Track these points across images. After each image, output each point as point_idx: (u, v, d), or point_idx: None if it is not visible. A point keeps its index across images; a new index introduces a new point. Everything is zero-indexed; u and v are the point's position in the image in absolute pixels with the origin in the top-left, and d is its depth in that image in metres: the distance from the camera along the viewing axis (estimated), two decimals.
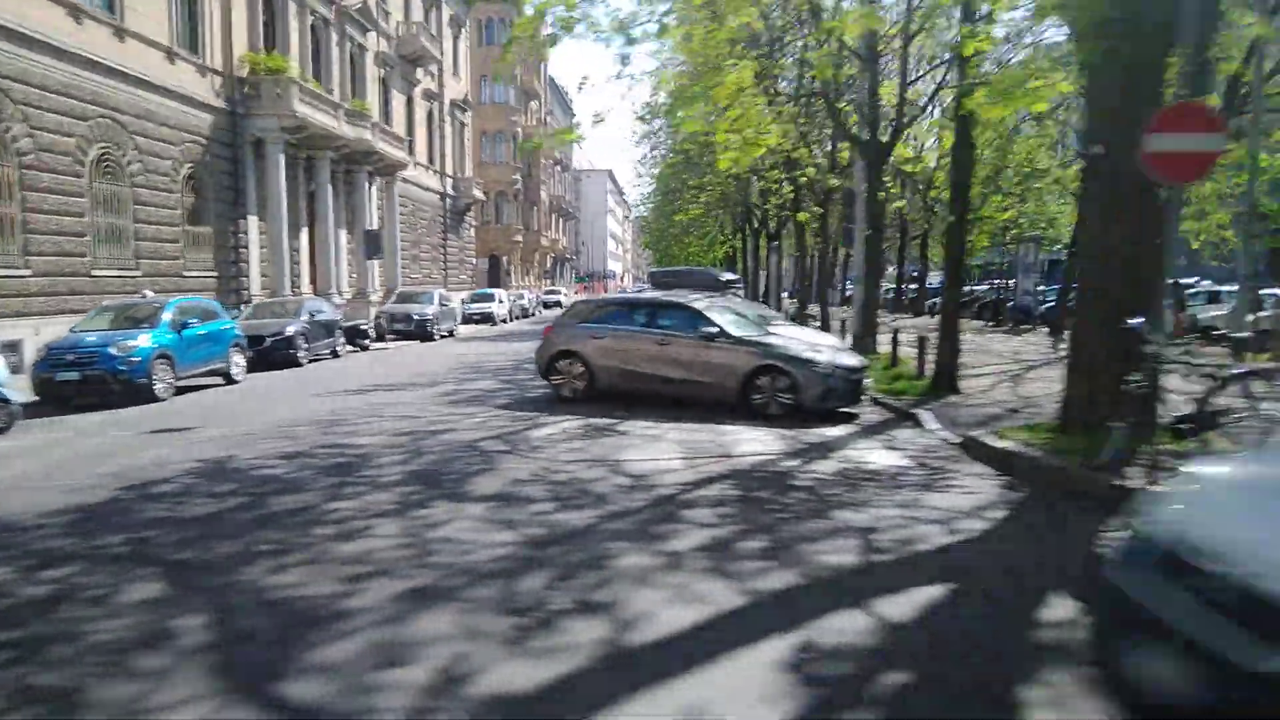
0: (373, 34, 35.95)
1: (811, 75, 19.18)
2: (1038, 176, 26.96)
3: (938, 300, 40.58)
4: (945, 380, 12.83)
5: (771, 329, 12.89)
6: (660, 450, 8.69)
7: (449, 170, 47.79)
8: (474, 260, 54.52)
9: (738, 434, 9.65)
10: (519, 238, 65.35)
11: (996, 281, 37.49)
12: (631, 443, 9.11)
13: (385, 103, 38.14)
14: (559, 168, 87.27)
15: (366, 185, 33.71)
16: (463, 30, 50.67)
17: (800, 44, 20.65)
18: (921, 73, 19.36)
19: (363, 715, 3.36)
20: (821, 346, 11.42)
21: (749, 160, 12.58)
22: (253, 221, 25.91)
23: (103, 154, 19.63)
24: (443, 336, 29.40)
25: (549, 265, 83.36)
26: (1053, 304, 28.59)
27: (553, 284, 75.59)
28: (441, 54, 44.66)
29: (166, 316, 14.38)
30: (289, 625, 4.20)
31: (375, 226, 34.37)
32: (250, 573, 5.01)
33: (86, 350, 13.21)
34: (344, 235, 32.91)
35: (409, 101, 41.68)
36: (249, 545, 5.54)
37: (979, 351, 20.10)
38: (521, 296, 48.78)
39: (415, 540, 5.56)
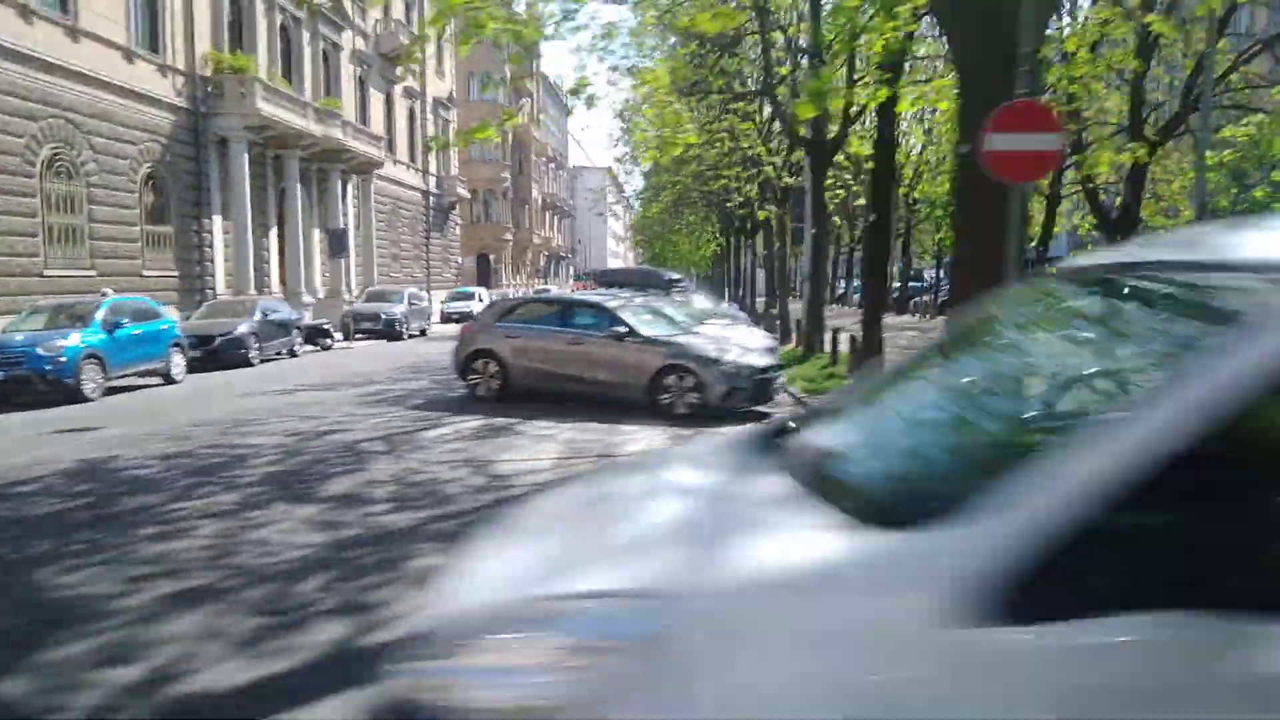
0: (348, 32, 36.01)
1: (763, 74, 19.13)
2: None
3: (916, 299, 40.72)
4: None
5: (700, 328, 12.91)
6: (542, 451, 8.71)
7: (432, 168, 47.85)
8: (459, 258, 54.56)
9: (633, 434, 9.66)
10: (508, 236, 65.41)
11: None
12: (518, 444, 9.13)
13: (362, 101, 38.20)
14: (553, 165, 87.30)
15: (340, 184, 33.76)
16: (447, 28, 50.66)
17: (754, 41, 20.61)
18: (866, 70, 19.25)
19: (46, 714, 3.38)
20: (731, 345, 11.41)
21: (668, 159, 12.61)
22: (217, 221, 25.98)
23: (55, 154, 19.71)
24: (412, 336, 29.43)
25: (542, 263, 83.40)
26: None
27: (544, 282, 75.60)
28: (423, 52, 44.66)
29: (98, 316, 14.42)
30: (41, 625, 4.22)
31: (350, 225, 34.52)
32: (42, 573, 5.04)
33: (13, 350, 13.26)
34: (317, 234, 32.99)
35: (388, 99, 41.74)
36: (62, 545, 5.56)
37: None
38: (506, 295, 48.86)
39: (226, 542, 5.58)
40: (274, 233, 29.74)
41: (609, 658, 1.63)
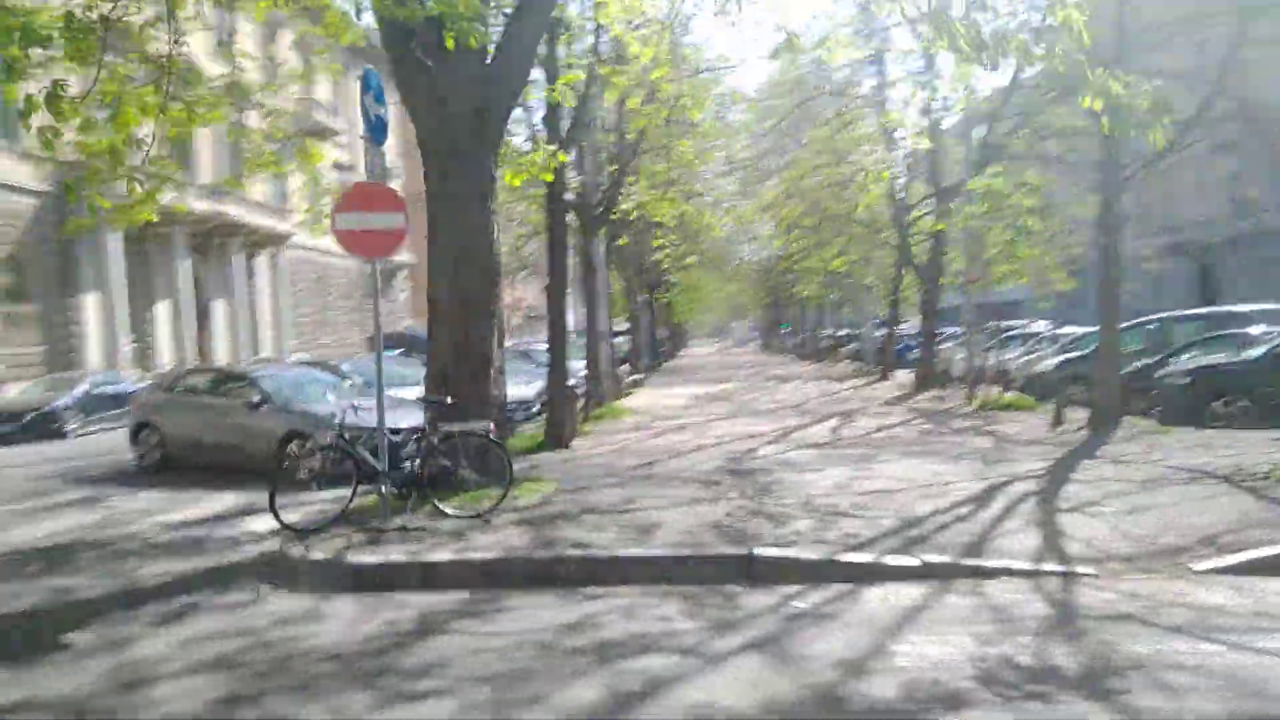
0: (253, 112, 37.38)
1: None
2: (861, 226, 27.21)
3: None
4: (554, 437, 13.07)
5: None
6: (62, 524, 9.04)
7: None
8: (408, 322, 55.46)
9: (198, 499, 9.98)
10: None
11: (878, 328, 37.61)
12: (63, 514, 9.49)
13: (279, 176, 39.48)
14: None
15: (240, 257, 34.82)
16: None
17: None
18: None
19: None
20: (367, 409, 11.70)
21: None
22: (89, 298, 26.97)
23: None
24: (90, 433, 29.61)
25: (516, 323, 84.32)
26: (906, 348, 29.05)
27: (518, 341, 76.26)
28: (349, 125, 46.17)
29: None
30: None
31: (262, 296, 35.55)
32: None
33: None
34: (221, 306, 34.03)
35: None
36: None
37: (722, 400, 20.09)
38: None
39: None
40: (161, 306, 30.70)
41: None
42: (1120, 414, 12.48)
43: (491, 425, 7.88)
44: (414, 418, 11.83)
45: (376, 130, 7.38)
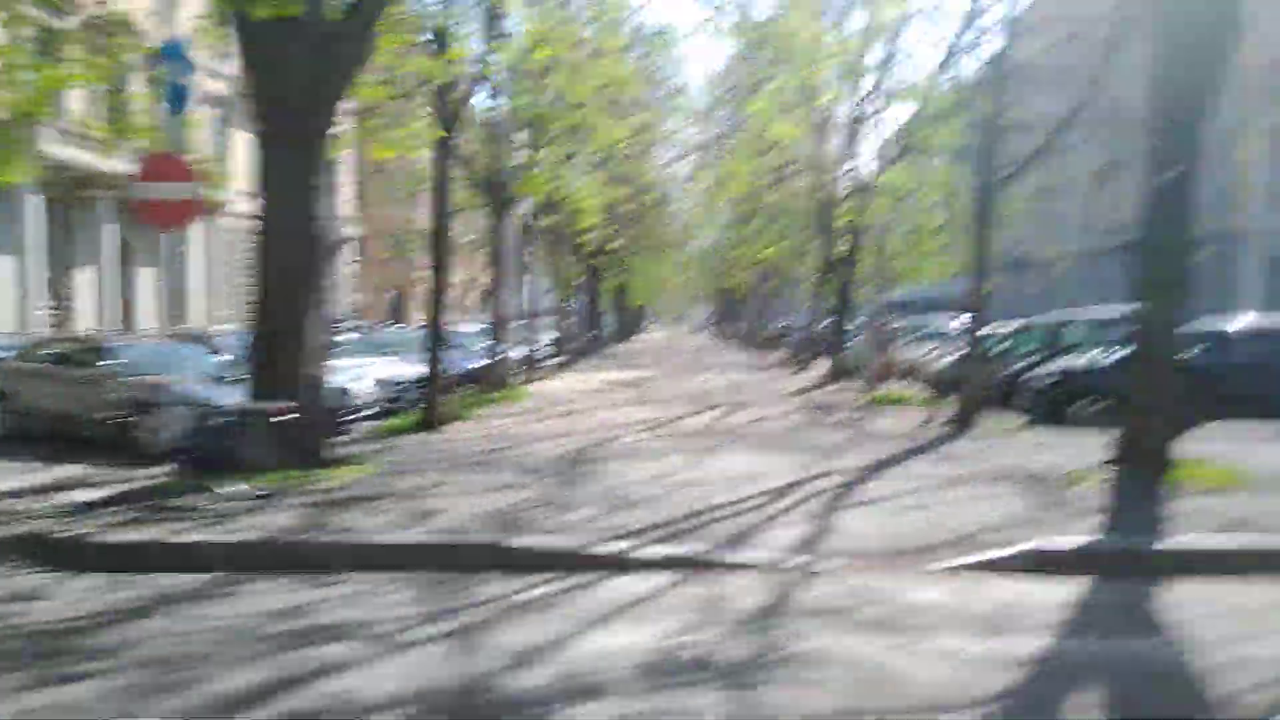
0: (195, 76, 36.66)
1: None
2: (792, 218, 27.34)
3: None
4: (427, 419, 13.00)
5: None
6: None
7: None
8: (355, 295, 54.99)
9: (34, 470, 9.79)
10: (423, 274, 66.18)
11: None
12: None
13: (224, 144, 38.79)
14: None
15: None
16: None
17: None
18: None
19: None
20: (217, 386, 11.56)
21: None
22: (3, 261, 26.37)
23: None
24: None
25: (470, 301, 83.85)
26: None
27: (469, 318, 75.77)
28: None
29: None
30: None
31: (190, 264, 35.13)
32: None
33: None
34: (149, 274, 33.47)
35: None
36: None
37: (633, 386, 20.14)
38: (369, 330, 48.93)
39: None
40: (84, 272, 30.11)
41: None
42: (980, 412, 12.63)
43: (285, 405, 7.78)
44: (238, 396, 11.70)
45: (174, 98, 7.25)
